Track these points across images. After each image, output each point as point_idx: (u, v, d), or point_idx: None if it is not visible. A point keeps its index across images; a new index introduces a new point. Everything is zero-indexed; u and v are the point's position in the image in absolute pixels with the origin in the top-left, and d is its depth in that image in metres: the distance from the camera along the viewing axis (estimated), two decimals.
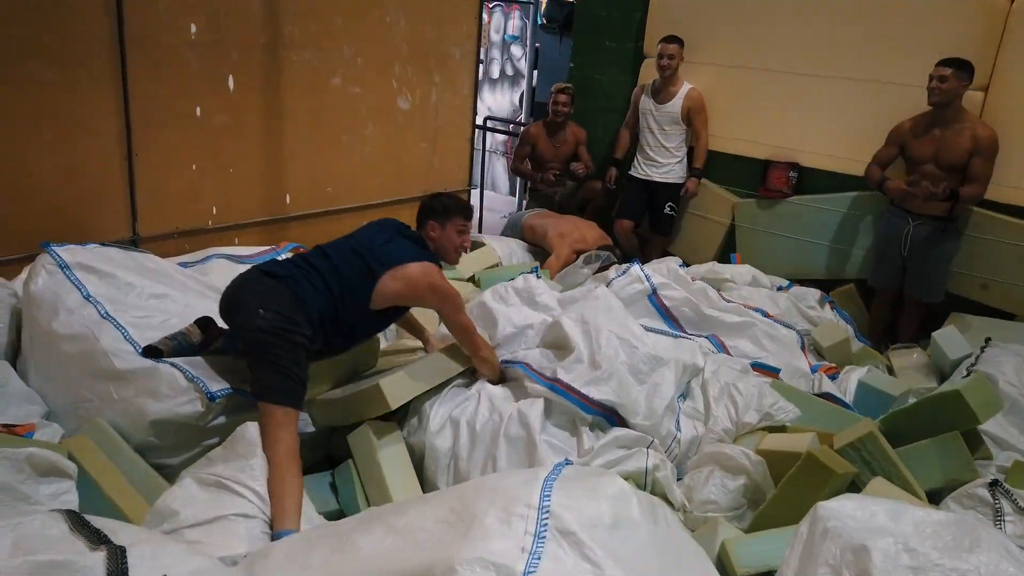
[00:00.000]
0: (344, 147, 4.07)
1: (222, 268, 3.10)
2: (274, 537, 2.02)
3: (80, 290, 2.56)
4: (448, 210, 2.75)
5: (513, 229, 5.24)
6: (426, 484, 2.56)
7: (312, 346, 2.44)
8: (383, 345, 3.27)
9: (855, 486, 2.32)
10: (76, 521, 1.56)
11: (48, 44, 2.89)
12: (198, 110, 3.35)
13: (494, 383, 2.77)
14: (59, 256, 2.64)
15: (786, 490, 2.28)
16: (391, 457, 2.50)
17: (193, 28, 3.26)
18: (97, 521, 1.60)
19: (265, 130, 3.68)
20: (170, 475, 2.35)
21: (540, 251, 4.80)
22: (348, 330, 2.59)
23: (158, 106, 3.24)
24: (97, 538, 1.51)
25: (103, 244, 2.87)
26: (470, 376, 2.81)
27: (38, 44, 2.86)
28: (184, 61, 3.28)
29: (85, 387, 2.41)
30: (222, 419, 2.45)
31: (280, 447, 2.18)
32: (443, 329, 3.53)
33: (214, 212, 3.55)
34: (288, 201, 3.88)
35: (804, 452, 2.33)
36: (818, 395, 3.12)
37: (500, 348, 2.99)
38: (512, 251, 4.70)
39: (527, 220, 5.03)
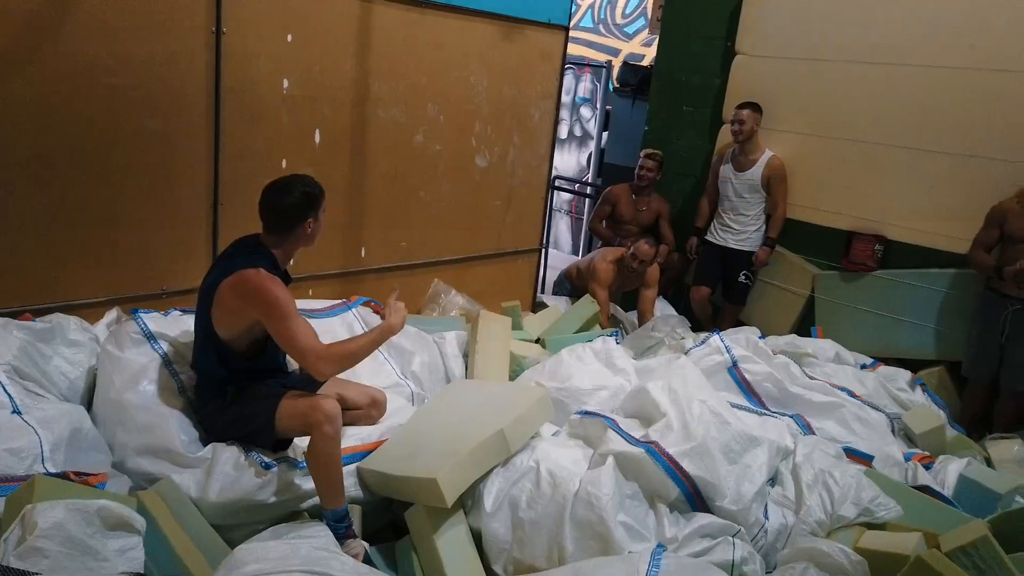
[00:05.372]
0: (421, 203, 4.07)
1: None
2: (324, 518, 2.30)
3: (162, 358, 2.61)
4: (315, 198, 2.44)
5: (560, 284, 5.26)
6: (488, 571, 2.36)
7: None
8: None
9: None
10: None
11: (152, 95, 2.96)
12: (284, 162, 3.39)
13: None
14: (146, 325, 2.66)
15: None
16: (450, 543, 2.29)
17: (286, 83, 3.33)
18: None
19: (347, 184, 3.70)
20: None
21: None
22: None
23: (248, 157, 3.28)
24: None
25: (184, 311, 2.90)
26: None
27: (145, 95, 2.93)
28: (275, 115, 3.34)
29: (147, 462, 2.39)
30: (277, 493, 2.38)
31: (314, 436, 2.30)
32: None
33: (291, 264, 3.55)
34: (363, 255, 3.88)
35: (911, 556, 2.14)
36: (915, 487, 2.91)
37: (570, 402, 2.87)
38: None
39: (570, 267, 5.17)
